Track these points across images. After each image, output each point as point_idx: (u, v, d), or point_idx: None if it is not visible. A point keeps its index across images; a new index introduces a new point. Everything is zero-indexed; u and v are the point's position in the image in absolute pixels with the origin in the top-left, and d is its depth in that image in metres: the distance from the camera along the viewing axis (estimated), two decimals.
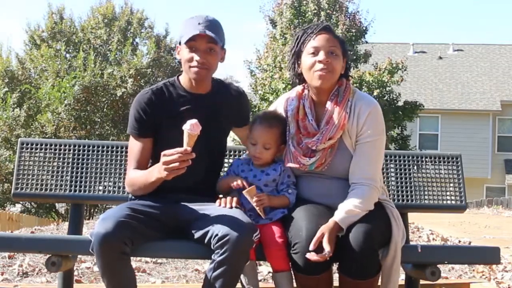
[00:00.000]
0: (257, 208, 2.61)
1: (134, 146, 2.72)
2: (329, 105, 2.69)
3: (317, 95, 2.73)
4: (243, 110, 2.92)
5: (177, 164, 2.39)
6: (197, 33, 2.60)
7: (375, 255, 2.50)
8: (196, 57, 2.64)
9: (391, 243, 2.58)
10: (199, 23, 2.64)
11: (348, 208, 2.53)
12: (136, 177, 2.65)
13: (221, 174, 2.95)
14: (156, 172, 2.50)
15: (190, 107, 2.71)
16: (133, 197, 2.77)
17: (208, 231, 2.46)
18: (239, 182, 2.66)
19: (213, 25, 2.66)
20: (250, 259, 2.54)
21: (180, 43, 2.71)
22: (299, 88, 2.81)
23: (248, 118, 2.95)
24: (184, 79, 2.77)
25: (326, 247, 2.41)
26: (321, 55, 2.65)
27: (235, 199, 2.64)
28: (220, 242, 2.38)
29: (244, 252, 2.42)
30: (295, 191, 2.74)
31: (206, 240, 2.46)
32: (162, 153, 2.44)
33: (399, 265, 2.61)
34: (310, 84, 2.73)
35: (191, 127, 2.41)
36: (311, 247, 2.42)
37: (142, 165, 2.69)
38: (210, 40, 2.63)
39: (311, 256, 2.41)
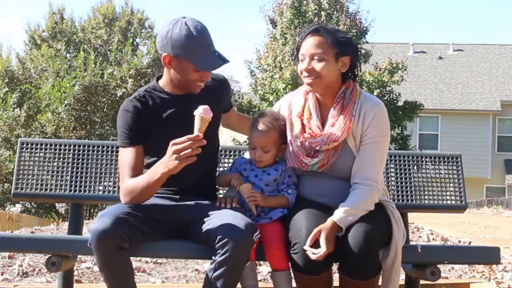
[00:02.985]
0: (249, 204, 2.61)
1: (127, 157, 2.63)
2: (334, 108, 2.68)
3: (321, 96, 2.73)
4: (227, 96, 2.91)
5: (189, 151, 2.35)
6: (219, 65, 2.56)
7: (375, 256, 2.50)
8: (204, 77, 2.61)
9: (391, 244, 2.58)
10: (206, 44, 2.56)
11: (348, 208, 2.53)
12: (135, 182, 2.55)
13: (218, 172, 2.95)
14: (162, 167, 2.44)
15: (177, 109, 2.68)
16: None
17: (209, 232, 2.46)
18: (238, 183, 2.69)
19: (210, 37, 2.60)
20: (250, 260, 2.54)
21: (177, 56, 2.57)
22: (306, 87, 2.80)
23: (231, 102, 2.97)
24: (165, 82, 2.71)
25: (323, 245, 2.41)
26: (305, 63, 2.64)
27: (235, 199, 2.65)
28: (221, 243, 2.38)
29: (245, 252, 2.42)
30: (295, 191, 2.74)
31: (207, 241, 2.46)
32: (171, 142, 2.39)
33: (399, 266, 2.61)
34: None
35: (204, 111, 2.38)
36: (307, 243, 2.42)
37: (137, 174, 2.61)
38: None
39: (308, 252, 2.41)
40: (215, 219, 2.49)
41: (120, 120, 2.67)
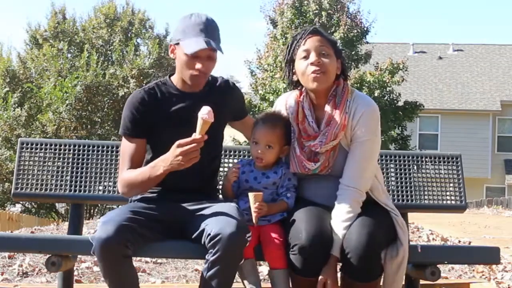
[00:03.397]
0: (254, 214, 2.59)
1: (128, 147, 2.68)
2: (328, 107, 2.68)
3: (315, 98, 2.72)
4: (239, 102, 2.91)
5: (195, 152, 2.41)
6: (202, 47, 2.56)
7: (378, 258, 2.51)
8: (198, 65, 2.61)
9: (399, 251, 2.58)
10: (200, 30, 2.59)
11: (341, 229, 2.52)
12: (134, 175, 2.60)
13: (220, 173, 2.95)
14: (164, 164, 2.49)
15: (184, 106, 2.70)
16: (133, 199, 2.76)
17: (203, 231, 2.47)
18: (234, 170, 2.72)
19: (213, 30, 2.63)
20: (249, 257, 2.55)
21: (177, 44, 2.66)
22: (297, 91, 2.80)
23: (245, 109, 2.97)
24: (176, 79, 2.75)
25: None
26: (313, 57, 2.64)
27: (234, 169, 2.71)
28: (212, 242, 2.39)
29: (236, 251, 2.41)
30: (295, 194, 2.73)
31: (202, 240, 2.47)
32: (177, 142, 2.43)
33: (404, 272, 2.62)
34: (307, 88, 2.72)
35: (209, 114, 2.41)
36: None
37: (137, 166, 2.65)
38: (212, 49, 2.61)
39: None
40: (209, 217, 2.50)
41: (126, 109, 2.70)
